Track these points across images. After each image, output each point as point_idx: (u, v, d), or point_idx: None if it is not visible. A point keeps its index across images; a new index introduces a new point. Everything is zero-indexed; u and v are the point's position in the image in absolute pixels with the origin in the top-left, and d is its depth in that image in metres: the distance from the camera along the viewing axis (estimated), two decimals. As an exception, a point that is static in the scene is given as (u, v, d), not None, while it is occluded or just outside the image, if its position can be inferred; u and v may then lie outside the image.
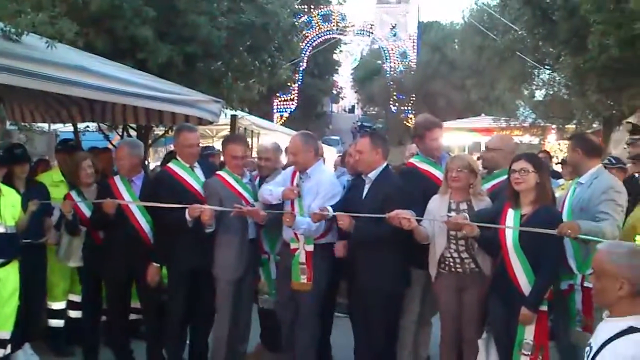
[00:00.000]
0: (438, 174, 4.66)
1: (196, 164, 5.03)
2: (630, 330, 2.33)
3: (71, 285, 5.49)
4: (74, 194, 5.15)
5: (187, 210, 4.56)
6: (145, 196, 4.90)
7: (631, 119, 8.34)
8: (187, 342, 5.08)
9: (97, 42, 6.90)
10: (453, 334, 4.39)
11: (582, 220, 3.94)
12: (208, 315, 4.90)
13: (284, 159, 6.09)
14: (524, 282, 3.89)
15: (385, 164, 4.58)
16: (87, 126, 8.73)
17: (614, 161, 6.08)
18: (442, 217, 4.20)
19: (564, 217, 4.11)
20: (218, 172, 5.02)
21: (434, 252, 4.38)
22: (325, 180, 4.72)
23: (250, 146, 5.31)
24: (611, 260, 2.42)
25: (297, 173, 4.76)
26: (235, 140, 5.22)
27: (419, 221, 4.20)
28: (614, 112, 9.32)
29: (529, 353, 3.82)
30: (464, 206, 4.32)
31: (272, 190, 4.67)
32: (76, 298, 5.48)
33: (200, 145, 5.55)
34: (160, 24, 7.63)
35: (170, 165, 5.04)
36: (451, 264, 4.32)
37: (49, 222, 5.15)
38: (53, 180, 5.54)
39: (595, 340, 2.46)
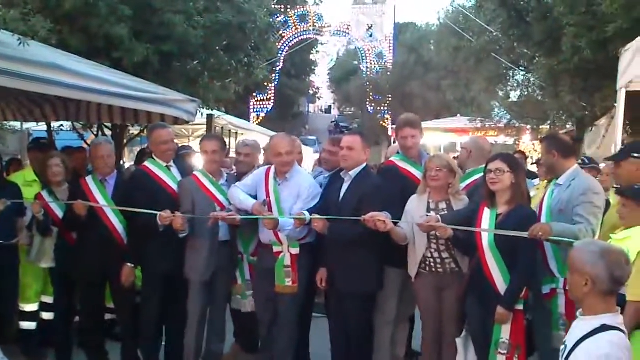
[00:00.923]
0: (417, 173, 4.68)
1: (172, 164, 5.00)
2: (604, 328, 2.37)
3: (44, 287, 5.40)
4: (45, 193, 5.08)
5: (157, 216, 4.51)
6: (119, 196, 4.86)
7: (603, 120, 8.48)
8: (163, 343, 5.04)
9: (71, 40, 6.80)
10: (434, 333, 4.42)
11: (555, 223, 3.97)
12: (183, 316, 4.85)
13: (261, 158, 6.07)
14: (500, 281, 3.92)
15: (365, 164, 4.60)
16: (61, 125, 8.63)
17: (587, 161, 6.14)
18: (421, 218, 4.21)
19: (543, 219, 4.13)
20: (194, 173, 4.99)
21: (414, 253, 4.40)
22: (305, 183, 4.69)
23: (227, 146, 5.26)
24: (580, 257, 2.47)
25: (271, 174, 4.71)
26: (208, 137, 5.23)
27: (395, 223, 4.22)
28: (586, 113, 9.45)
29: (506, 352, 3.85)
30: (443, 205, 4.35)
31: (243, 201, 4.62)
32: (49, 299, 5.39)
33: (176, 144, 5.50)
34: (136, 23, 7.55)
35: (147, 164, 5.00)
36: (432, 263, 4.34)
37: (21, 222, 5.07)
38: (26, 179, 5.44)
39: (570, 338, 2.49)
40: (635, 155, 4.13)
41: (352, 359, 4.59)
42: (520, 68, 13.26)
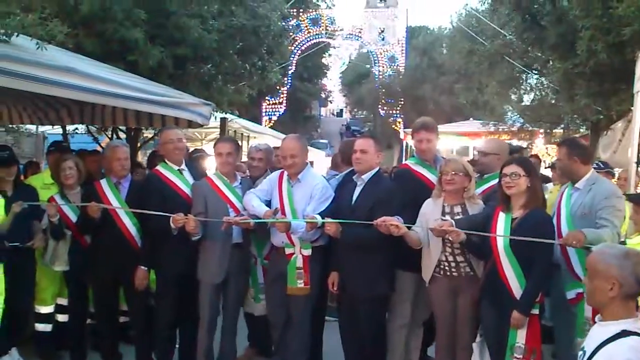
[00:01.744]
0: (431, 177, 4.67)
1: (184, 167, 5.02)
2: (624, 333, 2.35)
3: (59, 289, 5.44)
4: (57, 197, 5.10)
5: (171, 219, 4.53)
6: (132, 199, 4.88)
7: (619, 124, 8.41)
8: (177, 345, 5.06)
9: (87, 43, 6.85)
10: (448, 337, 4.40)
11: (587, 229, 3.94)
12: (196, 318, 4.85)
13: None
14: (516, 285, 3.90)
15: (378, 167, 4.60)
16: (76, 128, 8.70)
17: (602, 166, 6.14)
18: (435, 222, 4.20)
19: (564, 224, 4.13)
20: (208, 175, 5.00)
21: (429, 257, 4.38)
22: (318, 184, 4.69)
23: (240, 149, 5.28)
24: (603, 260, 2.44)
25: (284, 177, 4.73)
26: (222, 139, 5.25)
27: (409, 227, 4.21)
28: (601, 117, 9.38)
29: (521, 356, 3.84)
30: (458, 209, 4.33)
31: (256, 207, 4.62)
32: (64, 302, 5.42)
33: (187, 146, 5.51)
34: (150, 26, 7.59)
35: (159, 168, 5.03)
36: (446, 267, 4.32)
37: (37, 225, 5.10)
38: (44, 182, 5.47)
39: (589, 344, 2.47)
40: None
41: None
42: (534, 71, 13.19)
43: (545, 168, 9.64)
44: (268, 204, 4.71)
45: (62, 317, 5.44)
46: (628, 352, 2.28)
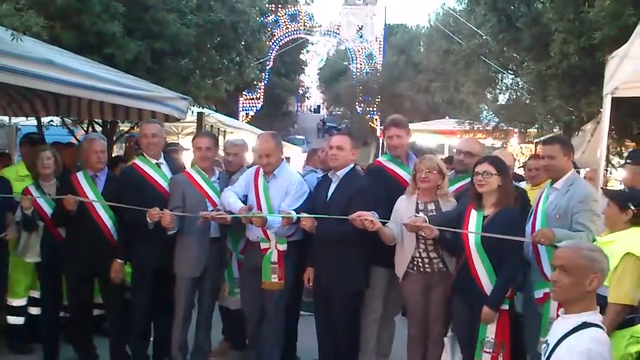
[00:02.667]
0: (403, 174, 4.74)
1: (162, 161, 5.02)
2: (584, 325, 2.44)
3: (32, 282, 5.41)
4: (32, 188, 5.07)
5: (147, 213, 4.54)
6: (109, 192, 4.87)
7: (589, 125, 8.58)
8: (151, 338, 5.07)
9: (63, 36, 6.80)
10: (420, 332, 4.48)
11: (558, 229, 3.96)
12: (171, 312, 4.87)
13: (249, 156, 6.13)
14: (486, 281, 3.98)
15: (353, 164, 4.66)
16: (51, 120, 8.60)
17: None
18: (409, 218, 4.26)
19: (538, 223, 4.16)
20: (186, 169, 5.02)
21: (402, 253, 4.45)
22: (294, 180, 4.74)
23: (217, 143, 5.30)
24: (583, 256, 2.50)
25: (260, 173, 4.76)
26: (201, 134, 5.28)
27: (383, 223, 4.27)
28: (573, 117, 9.55)
29: (491, 350, 3.92)
30: (431, 207, 4.40)
31: (232, 204, 4.64)
32: (37, 294, 5.39)
33: (165, 140, 5.51)
34: (128, 20, 7.56)
35: (136, 161, 5.04)
36: (420, 263, 4.40)
37: (9, 217, 5.06)
38: (18, 174, 5.44)
39: (551, 337, 2.56)
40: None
41: (339, 357, 4.64)
42: (509, 72, 13.37)
43: (519, 167, 9.79)
44: (245, 199, 4.74)
45: (34, 310, 5.42)
46: (589, 342, 2.37)
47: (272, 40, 28.30)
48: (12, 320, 5.40)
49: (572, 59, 7.74)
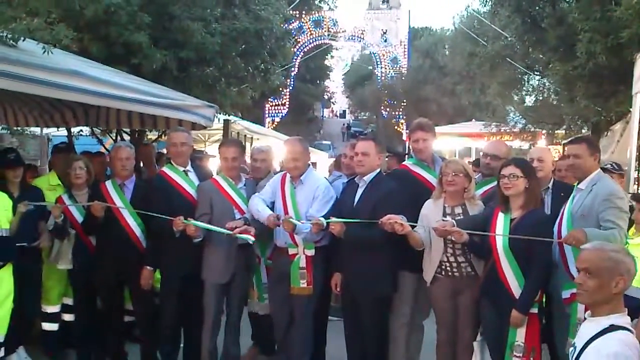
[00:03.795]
0: (429, 177, 4.73)
1: (190, 169, 5.07)
2: (612, 328, 2.41)
3: (66, 289, 5.51)
4: (65, 197, 5.17)
5: (174, 222, 4.58)
6: (137, 200, 4.94)
7: (618, 125, 8.47)
8: (181, 344, 5.12)
9: (92, 47, 6.93)
10: (449, 337, 4.45)
11: (590, 229, 3.91)
12: (201, 318, 4.90)
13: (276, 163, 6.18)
14: (515, 285, 3.96)
15: (379, 169, 4.66)
16: (81, 130, 8.75)
17: (616, 167, 5.97)
18: (437, 223, 4.24)
19: (564, 224, 4.13)
20: (214, 176, 5.07)
21: (430, 257, 4.43)
22: (321, 185, 4.75)
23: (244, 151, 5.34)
24: (608, 258, 2.47)
25: (287, 179, 4.78)
26: (227, 142, 5.29)
27: (412, 227, 4.26)
28: (601, 117, 9.44)
29: (521, 354, 3.89)
30: (458, 210, 4.38)
31: (260, 211, 4.67)
32: (70, 301, 5.48)
33: (192, 147, 5.58)
34: (154, 30, 7.67)
35: (164, 169, 5.10)
36: (448, 268, 4.37)
37: (43, 225, 5.17)
38: (50, 184, 5.54)
39: (579, 340, 2.53)
40: None
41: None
42: (535, 73, 13.26)
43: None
44: (273, 205, 4.78)
45: (68, 317, 5.52)
46: (617, 345, 2.34)
47: (297, 47, 28.43)
48: (47, 326, 5.49)
49: (599, 58, 7.66)
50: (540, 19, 10.21)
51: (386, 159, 5.90)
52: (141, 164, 6.65)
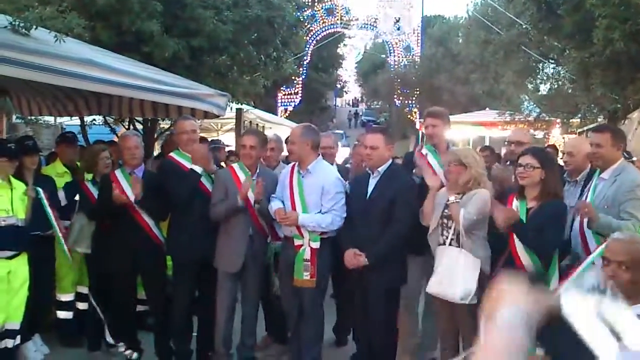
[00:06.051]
0: (435, 164, 4.70)
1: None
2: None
3: (79, 278, 5.54)
4: (89, 184, 5.33)
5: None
6: (152, 187, 4.94)
7: (635, 114, 8.34)
8: (194, 332, 5.13)
9: (103, 36, 6.93)
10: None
11: (603, 215, 3.90)
12: (213, 306, 4.91)
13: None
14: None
15: (391, 160, 4.63)
16: (94, 119, 8.77)
17: (626, 155, 5.88)
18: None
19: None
20: (231, 164, 5.07)
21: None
22: (330, 178, 4.68)
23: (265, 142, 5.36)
24: None
25: (295, 169, 4.74)
26: (248, 131, 5.37)
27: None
28: (618, 105, 9.31)
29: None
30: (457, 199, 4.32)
31: (272, 207, 4.70)
32: (84, 290, 5.52)
33: (206, 139, 5.60)
34: (166, 18, 7.65)
35: (173, 154, 5.12)
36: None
37: (54, 213, 5.18)
38: (57, 172, 5.66)
39: None
40: None
41: (375, 353, 4.61)
42: (550, 61, 13.10)
43: (560, 159, 9.58)
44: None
45: (82, 305, 5.55)
46: None
47: (309, 35, 28.29)
48: (62, 314, 5.56)
49: (617, 45, 7.52)
50: (556, 5, 10.05)
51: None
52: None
